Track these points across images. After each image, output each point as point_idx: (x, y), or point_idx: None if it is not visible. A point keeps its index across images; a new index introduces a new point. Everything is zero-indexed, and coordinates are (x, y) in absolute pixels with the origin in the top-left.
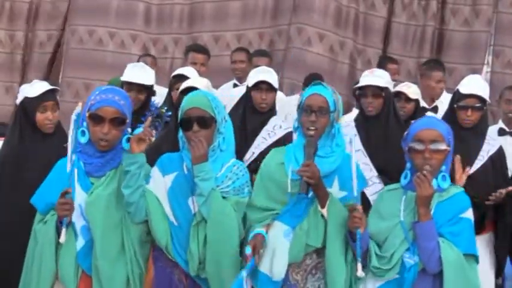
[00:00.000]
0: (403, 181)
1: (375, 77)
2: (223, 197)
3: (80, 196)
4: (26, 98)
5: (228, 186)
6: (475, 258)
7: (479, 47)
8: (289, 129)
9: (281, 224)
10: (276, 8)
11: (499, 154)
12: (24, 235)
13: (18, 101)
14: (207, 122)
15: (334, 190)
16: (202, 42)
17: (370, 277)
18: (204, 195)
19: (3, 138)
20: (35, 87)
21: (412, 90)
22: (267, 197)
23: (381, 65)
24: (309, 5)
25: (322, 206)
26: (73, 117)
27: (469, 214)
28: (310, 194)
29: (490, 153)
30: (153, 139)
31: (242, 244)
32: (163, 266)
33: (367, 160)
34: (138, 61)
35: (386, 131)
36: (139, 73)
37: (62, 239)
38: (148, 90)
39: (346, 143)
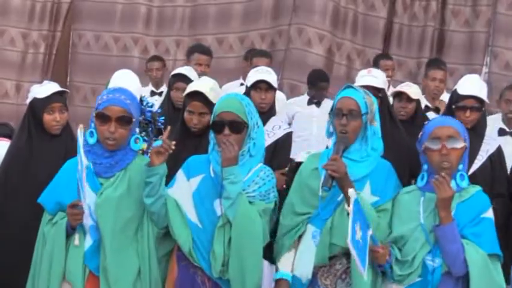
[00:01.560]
0: (420, 182)
1: (372, 77)
2: (249, 202)
3: (89, 196)
4: (34, 99)
5: (254, 191)
6: (497, 257)
7: (478, 48)
8: (289, 130)
9: (311, 227)
10: (276, 9)
11: (498, 154)
12: (31, 235)
13: (28, 101)
14: (239, 126)
15: (366, 194)
16: (206, 44)
17: (392, 282)
18: (231, 198)
19: (3, 139)
20: (44, 89)
21: (413, 90)
22: (302, 202)
23: (375, 62)
24: (309, 6)
25: (349, 205)
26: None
27: (490, 213)
28: (341, 196)
29: (489, 152)
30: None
31: (267, 248)
32: (186, 266)
33: None
34: (146, 65)
35: (382, 131)
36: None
37: (77, 242)
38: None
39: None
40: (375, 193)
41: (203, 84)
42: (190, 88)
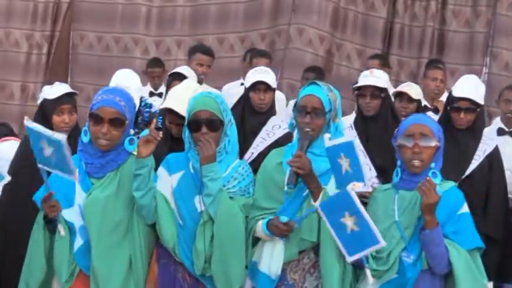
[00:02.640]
0: (395, 179)
1: (374, 78)
2: (230, 197)
3: (80, 196)
4: (44, 100)
5: (234, 187)
6: (478, 249)
7: (479, 48)
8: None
9: None
10: (276, 9)
11: (496, 154)
12: None
13: (38, 102)
14: (215, 124)
15: (331, 188)
16: (206, 44)
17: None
18: (212, 195)
19: (13, 138)
20: (54, 90)
21: (414, 90)
22: (266, 197)
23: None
24: (308, 6)
25: (315, 200)
26: (26, 123)
27: (466, 208)
28: (306, 191)
29: (487, 152)
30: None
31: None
32: (167, 263)
33: (367, 160)
34: (146, 68)
35: (385, 131)
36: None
37: (63, 233)
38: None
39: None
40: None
41: (180, 100)
42: (166, 103)
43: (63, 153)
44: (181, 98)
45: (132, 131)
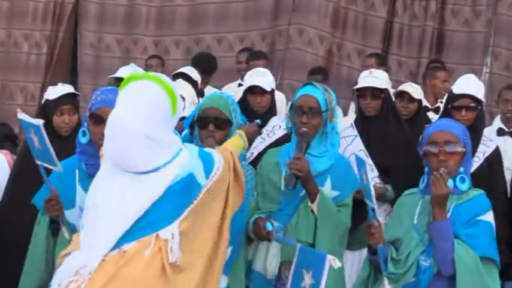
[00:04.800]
0: (421, 185)
1: (374, 78)
2: None
3: (81, 198)
4: (46, 100)
5: None
6: (494, 262)
7: (479, 48)
8: None
9: (273, 222)
10: (276, 9)
11: (495, 155)
12: None
13: (42, 102)
14: (223, 123)
15: (326, 189)
16: (205, 44)
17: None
18: None
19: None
20: (55, 90)
21: (415, 90)
22: (263, 197)
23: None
24: (308, 6)
25: (312, 201)
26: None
27: (489, 217)
28: (303, 192)
29: (486, 154)
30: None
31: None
32: None
33: (369, 160)
34: (145, 63)
35: (386, 131)
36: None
37: (68, 236)
38: None
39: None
40: (335, 188)
41: None
42: None
43: (44, 141)
44: None
45: None
